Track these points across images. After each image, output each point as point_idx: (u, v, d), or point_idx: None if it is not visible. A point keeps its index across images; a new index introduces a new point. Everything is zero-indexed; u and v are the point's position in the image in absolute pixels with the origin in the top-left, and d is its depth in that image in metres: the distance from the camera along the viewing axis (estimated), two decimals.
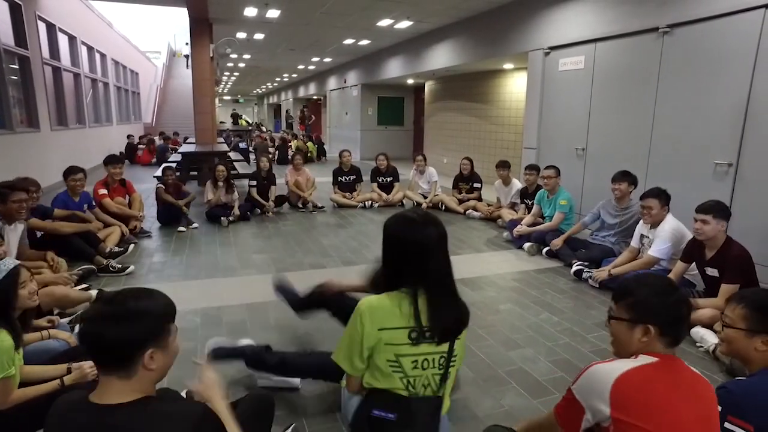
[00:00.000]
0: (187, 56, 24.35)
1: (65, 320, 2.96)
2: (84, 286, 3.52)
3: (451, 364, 1.57)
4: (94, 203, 4.87)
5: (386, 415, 1.49)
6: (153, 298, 1.18)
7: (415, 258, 1.50)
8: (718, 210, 3.04)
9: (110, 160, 5.31)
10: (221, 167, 6.35)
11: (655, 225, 3.75)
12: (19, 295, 1.98)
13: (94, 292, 3.31)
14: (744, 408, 1.39)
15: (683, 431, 1.20)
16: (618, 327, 1.38)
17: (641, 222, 3.92)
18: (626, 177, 4.33)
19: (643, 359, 1.28)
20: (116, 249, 4.41)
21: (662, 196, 3.70)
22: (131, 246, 4.62)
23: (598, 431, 1.29)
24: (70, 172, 4.55)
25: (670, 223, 3.67)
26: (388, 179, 7.53)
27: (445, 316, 1.53)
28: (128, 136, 13.98)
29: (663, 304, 1.32)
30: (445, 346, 1.55)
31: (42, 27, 8.24)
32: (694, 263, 3.33)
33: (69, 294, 3.08)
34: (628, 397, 1.21)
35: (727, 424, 1.39)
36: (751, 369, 1.58)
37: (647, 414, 1.19)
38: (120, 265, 4.12)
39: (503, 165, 6.26)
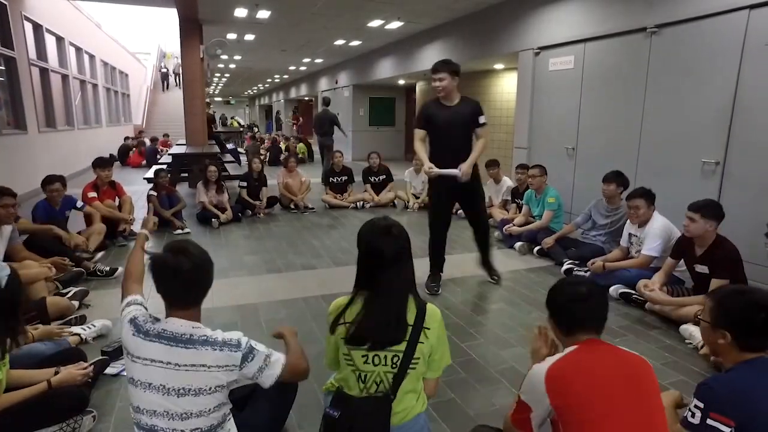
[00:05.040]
0: (164, 75, 23.25)
1: (58, 322, 2.93)
2: (71, 292, 3.46)
3: (412, 366, 1.55)
4: (78, 204, 4.70)
5: (332, 413, 1.55)
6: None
7: (368, 264, 1.60)
8: (708, 210, 3.07)
9: (98, 163, 5.24)
10: (213, 167, 6.31)
11: (642, 224, 3.78)
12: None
13: (75, 303, 3.29)
14: (724, 403, 1.41)
15: (613, 395, 1.35)
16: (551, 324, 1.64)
17: (629, 221, 3.96)
18: (617, 178, 4.34)
19: (567, 350, 1.48)
20: (85, 255, 4.22)
21: (648, 196, 3.73)
22: (99, 254, 4.53)
23: (553, 428, 1.43)
24: (47, 182, 4.37)
25: (658, 221, 3.70)
26: (381, 178, 7.53)
27: (374, 325, 1.53)
28: (125, 138, 13.86)
29: (553, 304, 1.59)
30: (402, 346, 1.54)
31: (28, 27, 8.14)
32: (682, 260, 3.36)
33: (54, 301, 3.05)
34: (559, 382, 1.39)
35: (709, 421, 1.41)
36: (725, 363, 1.61)
37: (577, 390, 1.36)
38: (107, 269, 4.08)
39: (492, 164, 6.29)
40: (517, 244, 5.03)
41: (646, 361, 1.48)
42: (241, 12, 8.29)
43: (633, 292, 3.59)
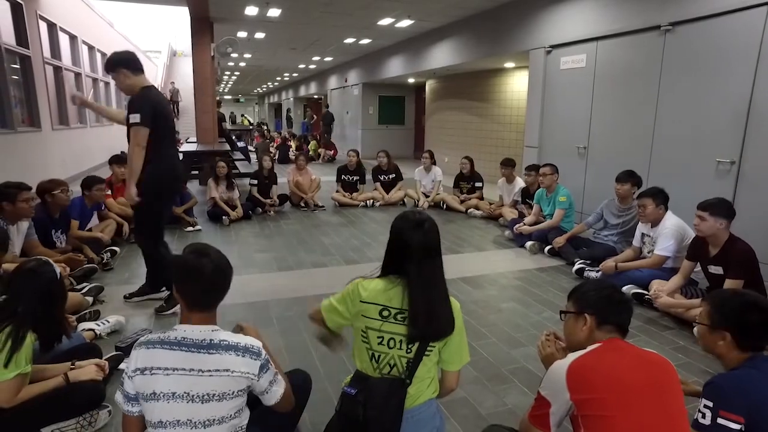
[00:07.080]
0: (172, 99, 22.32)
1: (72, 317, 2.96)
2: (85, 288, 3.50)
3: (426, 353, 1.61)
4: (103, 206, 4.89)
5: (350, 391, 1.61)
6: None
7: (398, 253, 1.64)
8: (717, 208, 3.04)
9: (115, 160, 5.33)
10: (222, 163, 6.36)
11: (655, 224, 3.75)
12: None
13: (90, 299, 3.36)
14: (732, 399, 1.44)
15: (633, 394, 1.36)
16: (567, 320, 1.65)
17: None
18: (630, 178, 4.31)
19: (589, 348, 1.50)
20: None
21: (657, 196, 3.70)
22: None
23: (573, 424, 1.44)
24: (95, 181, 4.51)
25: (671, 221, 3.67)
26: (390, 176, 7.53)
27: (423, 319, 1.57)
28: None
29: (597, 296, 1.57)
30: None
31: (43, 26, 8.23)
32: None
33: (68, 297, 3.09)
34: (580, 377, 1.41)
35: (720, 420, 1.43)
36: (725, 365, 1.64)
37: (598, 386, 1.38)
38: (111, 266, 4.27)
39: (508, 163, 6.25)
40: (528, 244, 5.01)
41: (668, 361, 1.48)
42: (251, 10, 8.32)
43: (645, 292, 3.56)
